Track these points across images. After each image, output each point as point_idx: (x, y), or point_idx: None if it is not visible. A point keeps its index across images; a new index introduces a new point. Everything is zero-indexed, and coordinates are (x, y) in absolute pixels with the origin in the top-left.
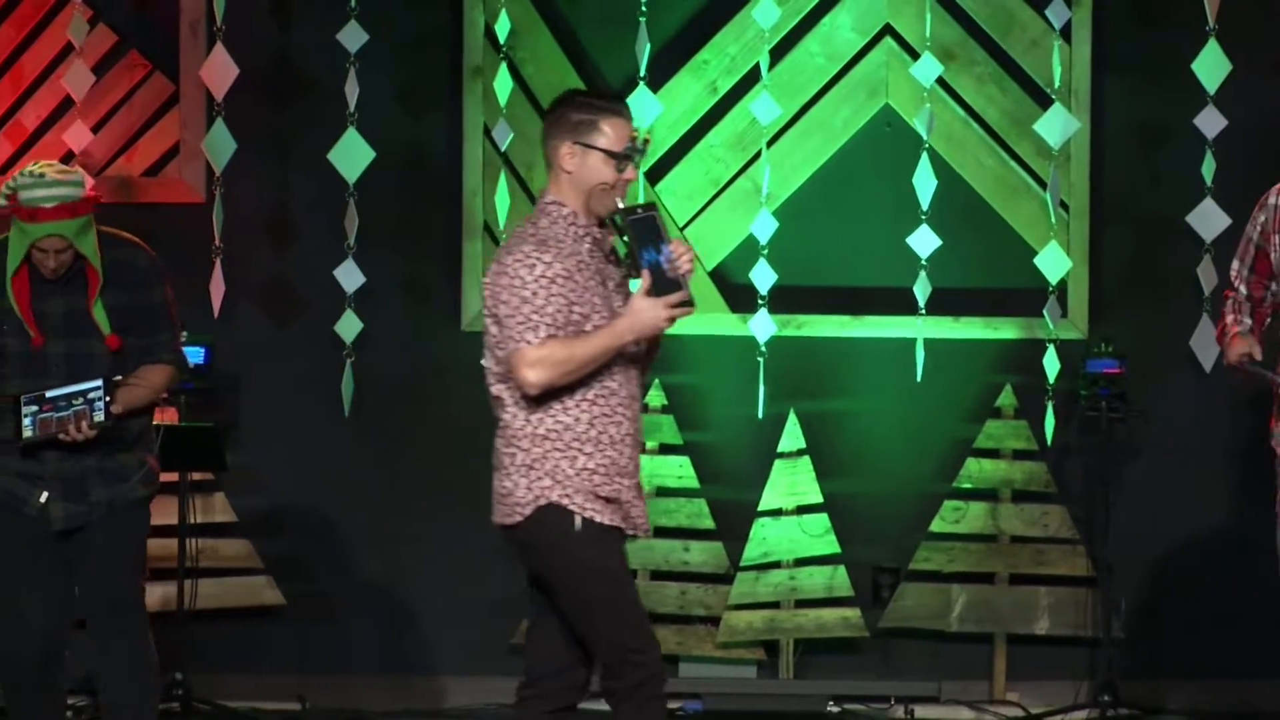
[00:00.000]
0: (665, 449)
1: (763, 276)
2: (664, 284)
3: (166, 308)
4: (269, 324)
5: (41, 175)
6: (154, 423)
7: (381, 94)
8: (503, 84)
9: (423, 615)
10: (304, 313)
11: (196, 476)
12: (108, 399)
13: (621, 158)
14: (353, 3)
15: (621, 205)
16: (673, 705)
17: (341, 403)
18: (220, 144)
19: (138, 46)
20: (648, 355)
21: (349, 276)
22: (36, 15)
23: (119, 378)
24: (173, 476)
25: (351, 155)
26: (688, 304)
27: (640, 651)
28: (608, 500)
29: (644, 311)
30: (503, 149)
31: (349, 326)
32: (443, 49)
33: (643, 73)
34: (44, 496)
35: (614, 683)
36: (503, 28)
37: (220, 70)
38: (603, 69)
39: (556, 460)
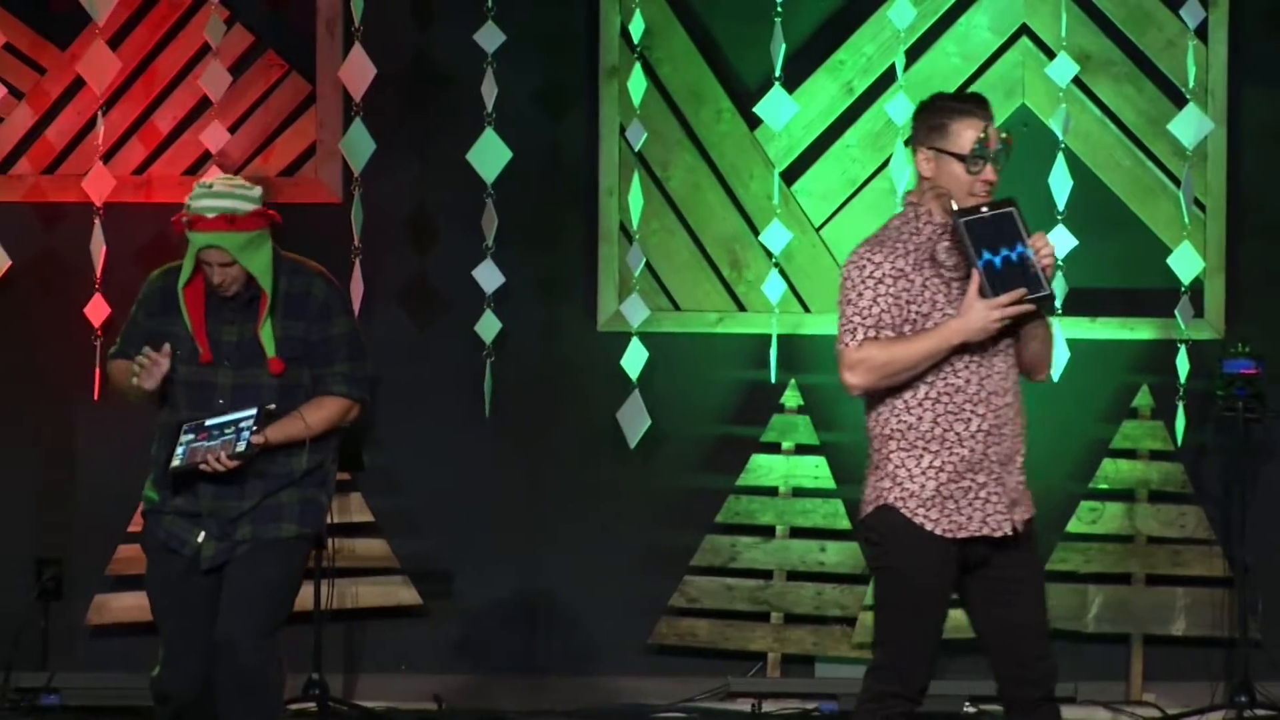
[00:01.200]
0: (801, 449)
1: None
2: (1004, 283)
3: (345, 338)
4: (408, 324)
5: (210, 185)
6: (334, 465)
7: (518, 94)
8: (637, 84)
9: (560, 615)
10: (442, 313)
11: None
12: (254, 429)
13: (970, 159)
14: (490, 3)
15: (955, 206)
16: (808, 706)
17: (479, 402)
18: (359, 144)
19: (274, 47)
20: (1028, 345)
21: (488, 276)
22: (173, 16)
23: (272, 406)
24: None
25: (489, 155)
26: (1035, 301)
27: (892, 674)
28: (953, 500)
29: (972, 312)
30: (637, 149)
31: (488, 326)
32: (579, 49)
33: (778, 73)
34: (200, 537)
35: (866, 682)
36: (637, 27)
37: (358, 70)
38: (738, 69)
39: (901, 459)
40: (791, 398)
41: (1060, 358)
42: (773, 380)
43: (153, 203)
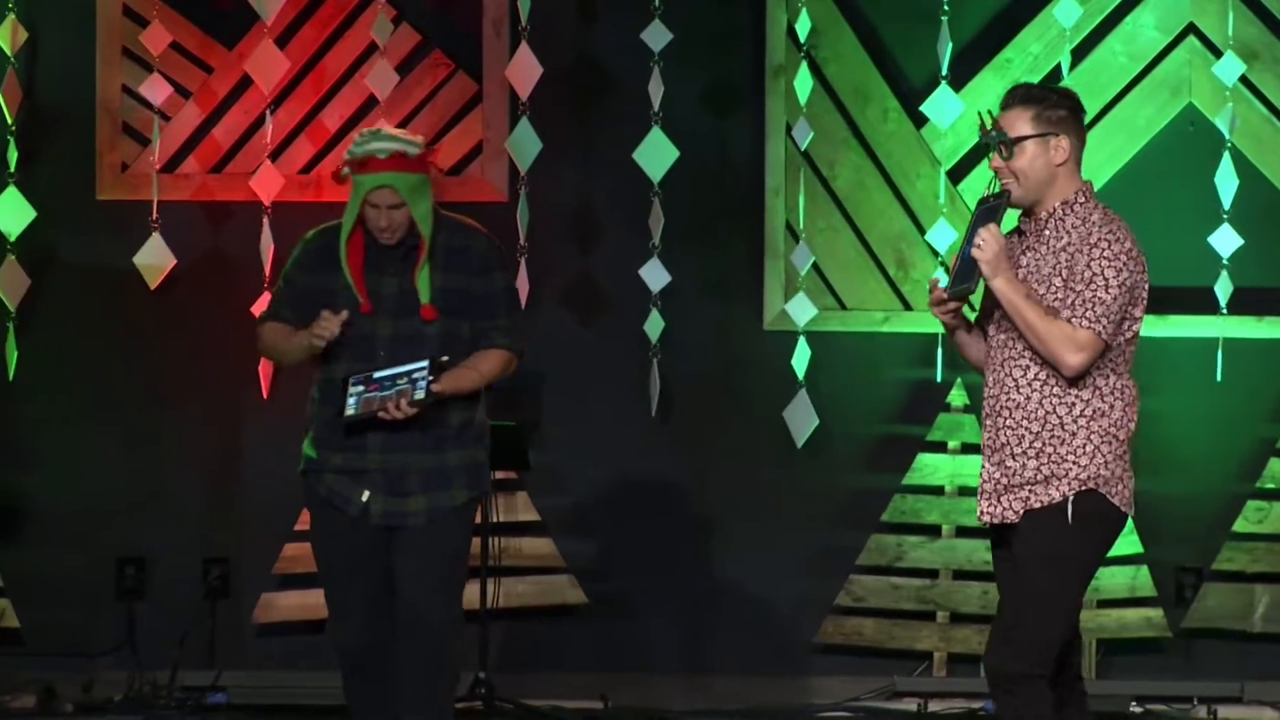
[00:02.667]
0: (967, 448)
1: None
2: (959, 271)
3: (505, 292)
4: (573, 323)
5: (377, 131)
6: (486, 419)
7: (685, 93)
8: (803, 83)
9: (725, 614)
10: (608, 312)
11: (500, 475)
12: (431, 378)
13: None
14: (657, 1)
15: (986, 192)
16: (974, 705)
17: (645, 401)
18: (525, 143)
19: (441, 46)
20: (1024, 332)
21: (654, 275)
22: (339, 15)
23: (445, 358)
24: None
25: (656, 154)
26: (953, 294)
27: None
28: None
29: None
30: (803, 148)
31: (655, 325)
32: (745, 48)
33: (945, 71)
34: (365, 495)
35: None
36: (804, 26)
37: (525, 69)
38: (904, 68)
39: None
40: (958, 396)
41: (1221, 357)
42: (938, 379)
43: (320, 202)
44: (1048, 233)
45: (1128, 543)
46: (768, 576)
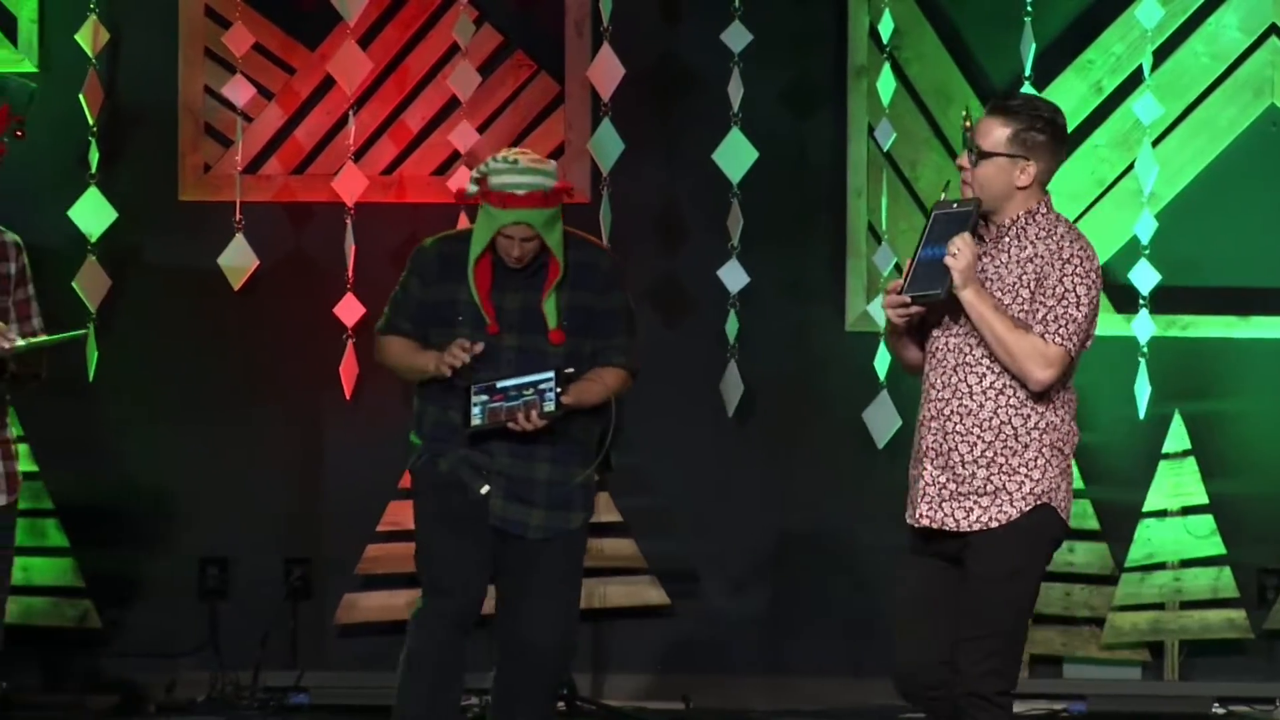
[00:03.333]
0: None
1: (1144, 277)
2: (921, 276)
3: (624, 312)
4: (654, 323)
5: (515, 161)
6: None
7: (765, 94)
8: (886, 84)
9: (806, 615)
10: (689, 312)
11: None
12: (558, 390)
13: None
14: (737, 2)
15: (944, 195)
16: (1057, 707)
17: (724, 403)
18: (607, 144)
19: (523, 47)
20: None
21: (733, 277)
22: (422, 16)
23: (570, 370)
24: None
25: (735, 155)
26: (917, 299)
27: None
28: (909, 485)
29: None
30: (885, 149)
31: (733, 326)
32: (827, 48)
33: (1027, 72)
34: (485, 489)
35: None
36: (886, 27)
37: (607, 70)
38: (987, 68)
39: None
40: None
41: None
42: None
43: (402, 202)
44: (1008, 240)
45: (1210, 544)
46: (849, 577)
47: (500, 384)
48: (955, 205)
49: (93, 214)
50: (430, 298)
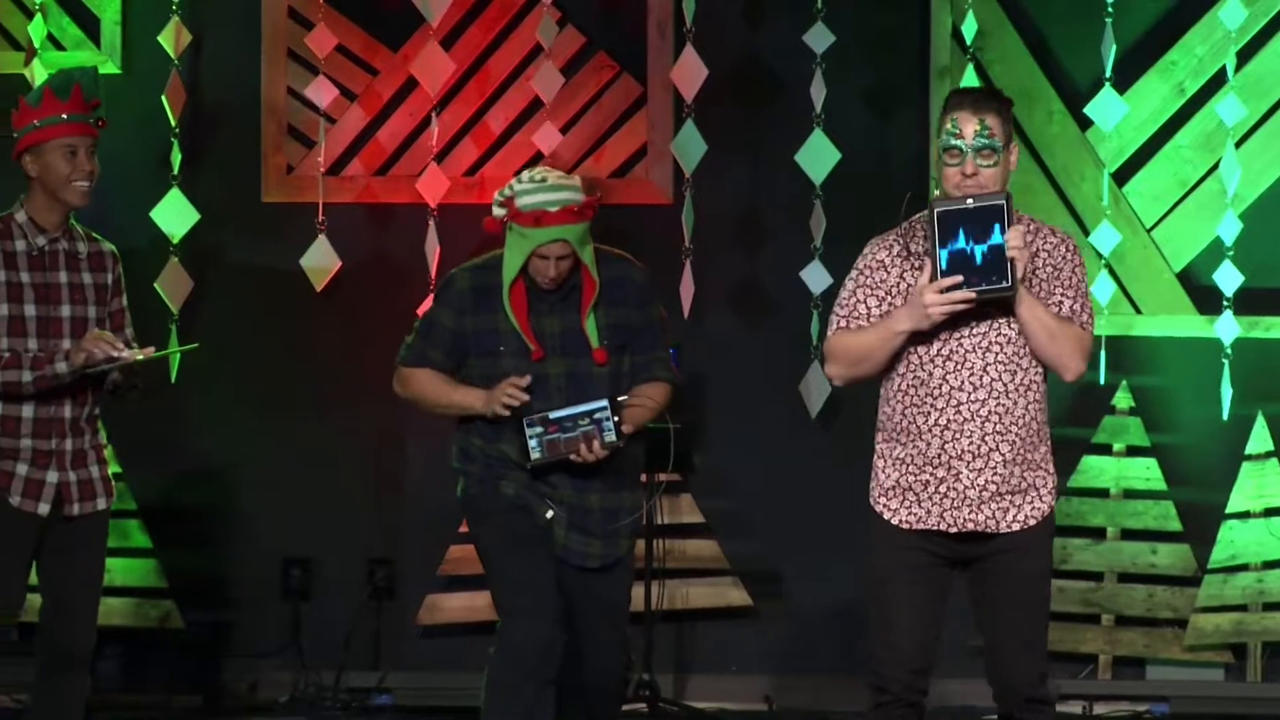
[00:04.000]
0: (1132, 451)
1: (1228, 278)
2: (970, 273)
3: (661, 324)
4: (737, 324)
5: (543, 180)
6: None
7: (847, 95)
8: (969, 84)
9: None
10: (771, 313)
11: (664, 477)
12: (616, 419)
13: (941, 150)
14: (820, 4)
15: (935, 196)
16: (1140, 709)
17: (808, 405)
18: (690, 145)
19: (606, 48)
20: (1031, 341)
21: (816, 277)
22: (505, 17)
23: (623, 398)
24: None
25: (818, 156)
26: (986, 293)
27: (875, 674)
28: (911, 491)
29: (914, 298)
30: None
31: (817, 327)
32: (909, 50)
33: (1109, 73)
34: (550, 513)
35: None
36: (969, 28)
37: (690, 71)
38: (1069, 69)
39: (880, 450)
40: (1123, 399)
41: None
42: (1102, 382)
43: (485, 204)
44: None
45: None
46: None
47: (553, 415)
48: (970, 202)
49: (175, 215)
50: (466, 329)
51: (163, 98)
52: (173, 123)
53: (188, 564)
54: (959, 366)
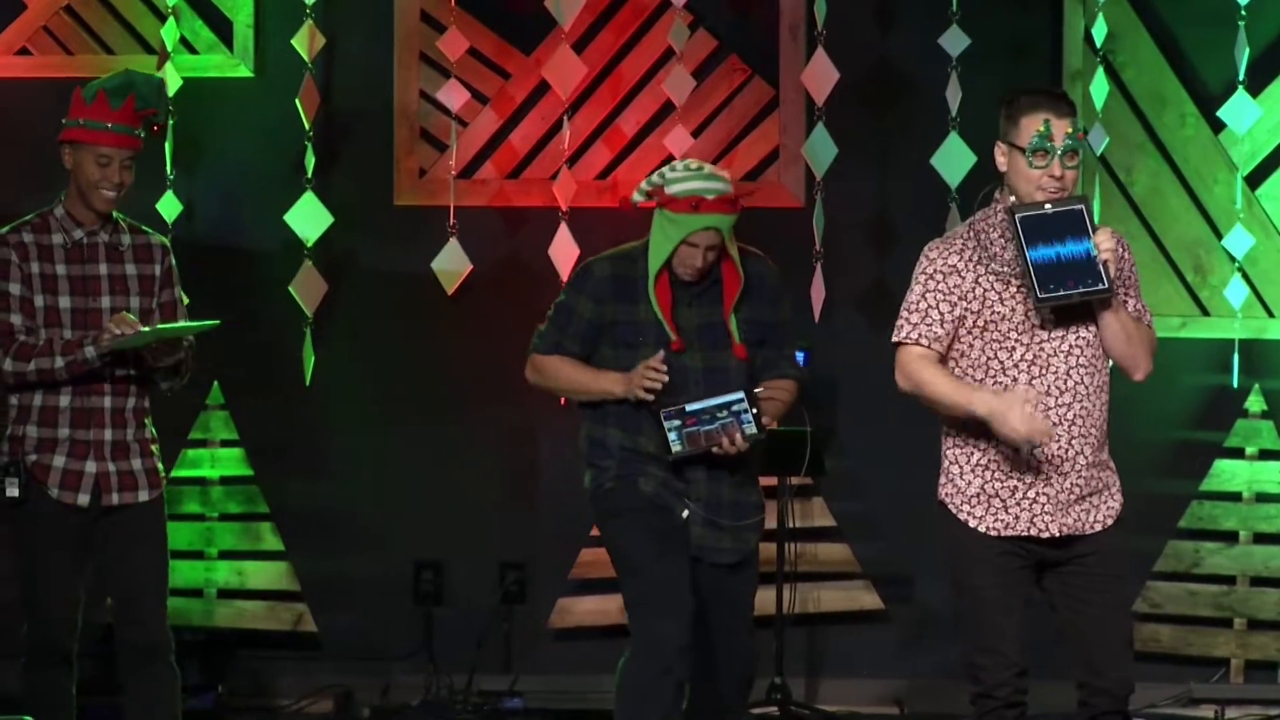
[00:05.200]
0: (1265, 455)
1: None
2: (1060, 277)
3: (790, 323)
4: (868, 328)
5: (699, 168)
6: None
7: (983, 98)
8: (1099, 88)
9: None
10: None
11: (796, 481)
12: (755, 411)
13: (1031, 152)
14: (954, 6)
15: (1013, 201)
16: (1272, 713)
17: None
18: (821, 149)
19: (737, 51)
20: (1108, 341)
21: None
22: (636, 21)
23: (759, 390)
24: (771, 481)
25: (953, 160)
26: (1088, 295)
27: (976, 680)
28: (997, 498)
29: (1010, 411)
30: (1098, 153)
31: None
32: (1042, 53)
33: (1241, 76)
34: (685, 512)
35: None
36: (1100, 31)
37: (822, 74)
38: (1201, 72)
39: (954, 455)
40: (1255, 403)
41: None
42: (1235, 385)
43: (616, 207)
44: None
45: None
46: None
47: (690, 407)
48: (1048, 207)
49: (309, 219)
50: (605, 318)
51: (296, 101)
52: (306, 126)
53: (320, 567)
54: (1044, 371)
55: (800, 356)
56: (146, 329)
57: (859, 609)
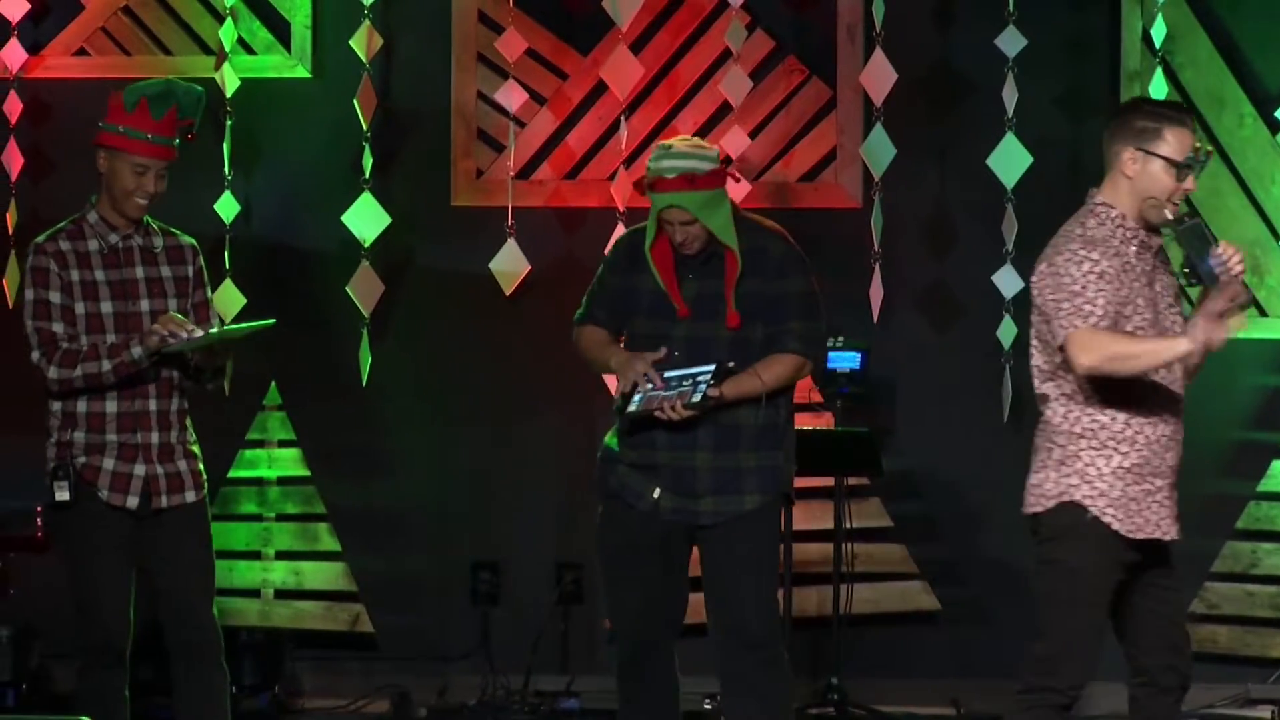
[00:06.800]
0: None
1: None
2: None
3: (800, 296)
4: (926, 328)
5: (670, 147)
6: (789, 422)
7: (1040, 98)
8: (1158, 88)
9: None
10: (961, 317)
11: (853, 481)
12: (711, 382)
13: (1183, 167)
14: (1011, 7)
15: (1170, 216)
16: None
17: (997, 407)
18: (879, 149)
19: (795, 52)
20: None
21: (1008, 281)
22: (694, 22)
23: (732, 364)
24: (828, 481)
25: (1010, 160)
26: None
27: (1051, 669)
28: (1135, 501)
29: (1211, 329)
30: None
31: (1008, 332)
32: (1100, 53)
33: None
34: (656, 492)
35: (1024, 674)
36: (1159, 31)
37: (879, 75)
38: (1259, 73)
39: (1091, 458)
40: None
41: None
42: None
43: None
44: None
45: None
46: None
47: (667, 374)
48: (1186, 220)
49: (366, 219)
50: (619, 286)
51: (354, 102)
52: (364, 127)
53: (378, 568)
54: (1173, 379)
55: (857, 357)
56: (213, 332)
57: (915, 609)
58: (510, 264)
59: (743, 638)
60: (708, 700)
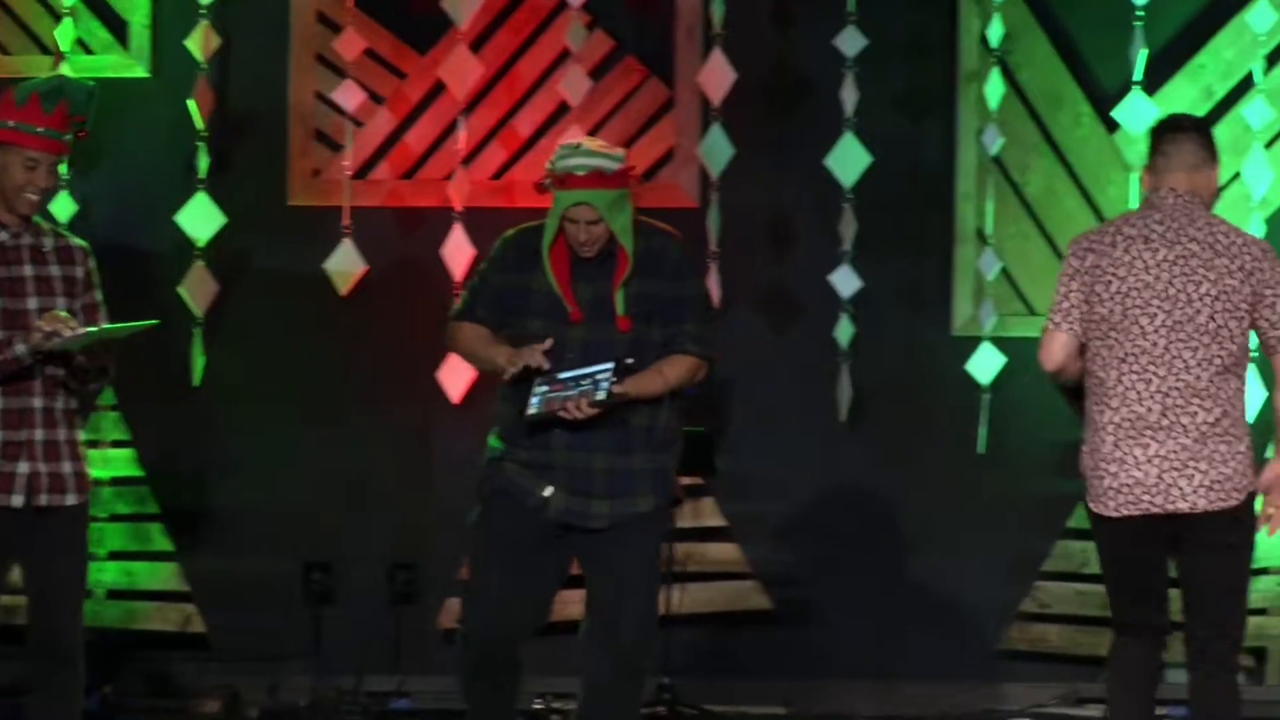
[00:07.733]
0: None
1: None
2: None
3: (696, 299)
4: (763, 328)
5: (578, 145)
6: (679, 425)
7: (879, 98)
8: (994, 89)
9: (911, 619)
10: (799, 317)
11: (687, 481)
12: (613, 380)
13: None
14: (850, 7)
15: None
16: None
17: (834, 407)
18: (717, 149)
19: (634, 52)
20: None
21: (845, 281)
22: (533, 21)
23: (630, 360)
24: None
25: (848, 160)
26: None
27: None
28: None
29: None
30: (992, 154)
31: (845, 331)
32: (939, 54)
33: (1138, 77)
34: (548, 490)
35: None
36: (996, 32)
37: (718, 75)
38: (1097, 73)
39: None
40: None
41: None
42: None
43: (512, 207)
44: None
45: None
46: (954, 583)
47: (561, 375)
48: None
49: (201, 219)
50: (505, 285)
51: (190, 102)
52: (200, 126)
53: (209, 567)
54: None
55: None
56: (93, 329)
57: (748, 609)
58: (346, 264)
59: (619, 656)
60: (538, 699)
